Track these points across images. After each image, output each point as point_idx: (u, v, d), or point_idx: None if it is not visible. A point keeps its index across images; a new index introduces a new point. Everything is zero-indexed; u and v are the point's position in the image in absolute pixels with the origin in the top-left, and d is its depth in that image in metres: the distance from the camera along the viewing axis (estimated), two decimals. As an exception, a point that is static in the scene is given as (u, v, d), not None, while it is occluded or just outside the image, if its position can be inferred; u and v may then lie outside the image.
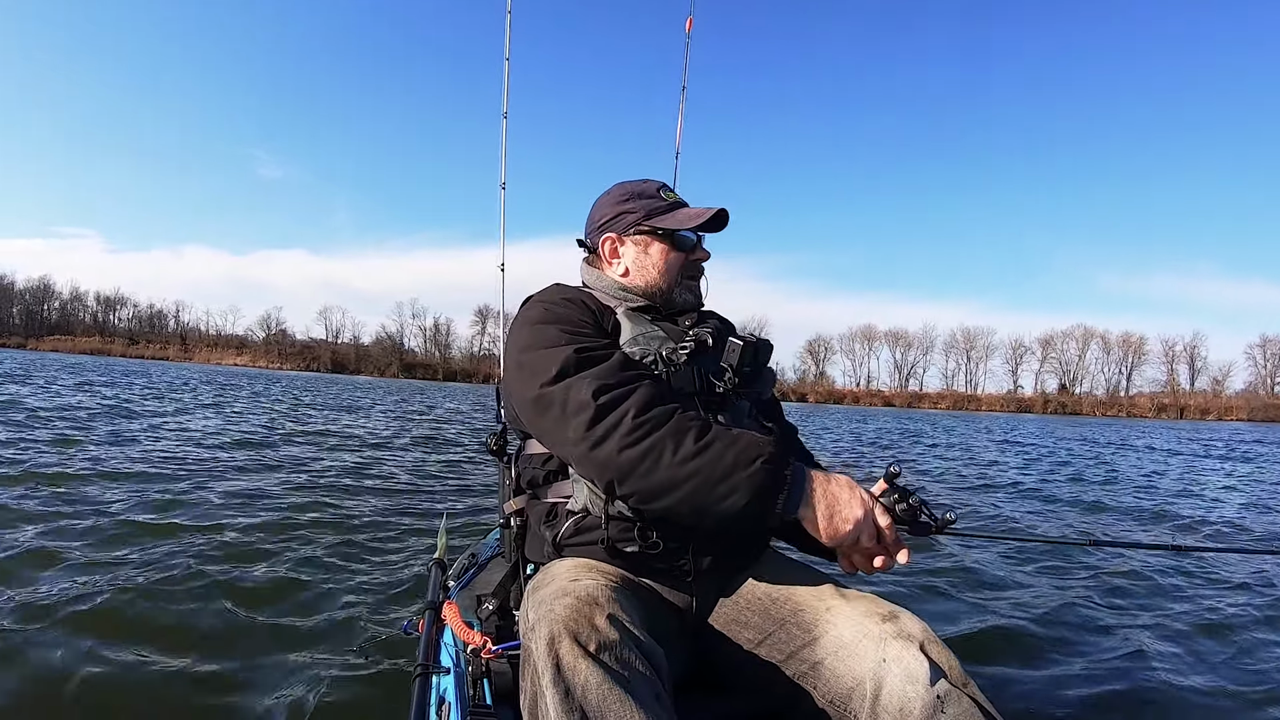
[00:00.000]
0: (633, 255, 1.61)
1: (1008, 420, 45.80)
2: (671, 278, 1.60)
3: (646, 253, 1.60)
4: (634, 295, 1.60)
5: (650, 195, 1.63)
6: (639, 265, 1.61)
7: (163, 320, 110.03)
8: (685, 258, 1.61)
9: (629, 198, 1.63)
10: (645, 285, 1.60)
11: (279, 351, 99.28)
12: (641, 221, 1.60)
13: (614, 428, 1.24)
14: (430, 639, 1.54)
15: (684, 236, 1.59)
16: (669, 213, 1.60)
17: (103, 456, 6.63)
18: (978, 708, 1.15)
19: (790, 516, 1.23)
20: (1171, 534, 6.08)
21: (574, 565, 1.36)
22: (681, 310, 1.61)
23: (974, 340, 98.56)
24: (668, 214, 1.60)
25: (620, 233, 1.62)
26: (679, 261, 1.60)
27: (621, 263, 1.63)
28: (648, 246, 1.60)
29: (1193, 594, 4.02)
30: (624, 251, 1.63)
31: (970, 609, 3.60)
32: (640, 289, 1.60)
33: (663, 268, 1.59)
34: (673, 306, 1.60)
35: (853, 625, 1.27)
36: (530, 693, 1.09)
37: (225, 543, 3.96)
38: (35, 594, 2.92)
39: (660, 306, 1.59)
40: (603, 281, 1.63)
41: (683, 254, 1.61)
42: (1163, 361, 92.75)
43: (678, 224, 1.58)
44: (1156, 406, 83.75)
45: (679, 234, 1.59)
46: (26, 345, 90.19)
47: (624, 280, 1.62)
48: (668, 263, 1.60)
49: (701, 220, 1.57)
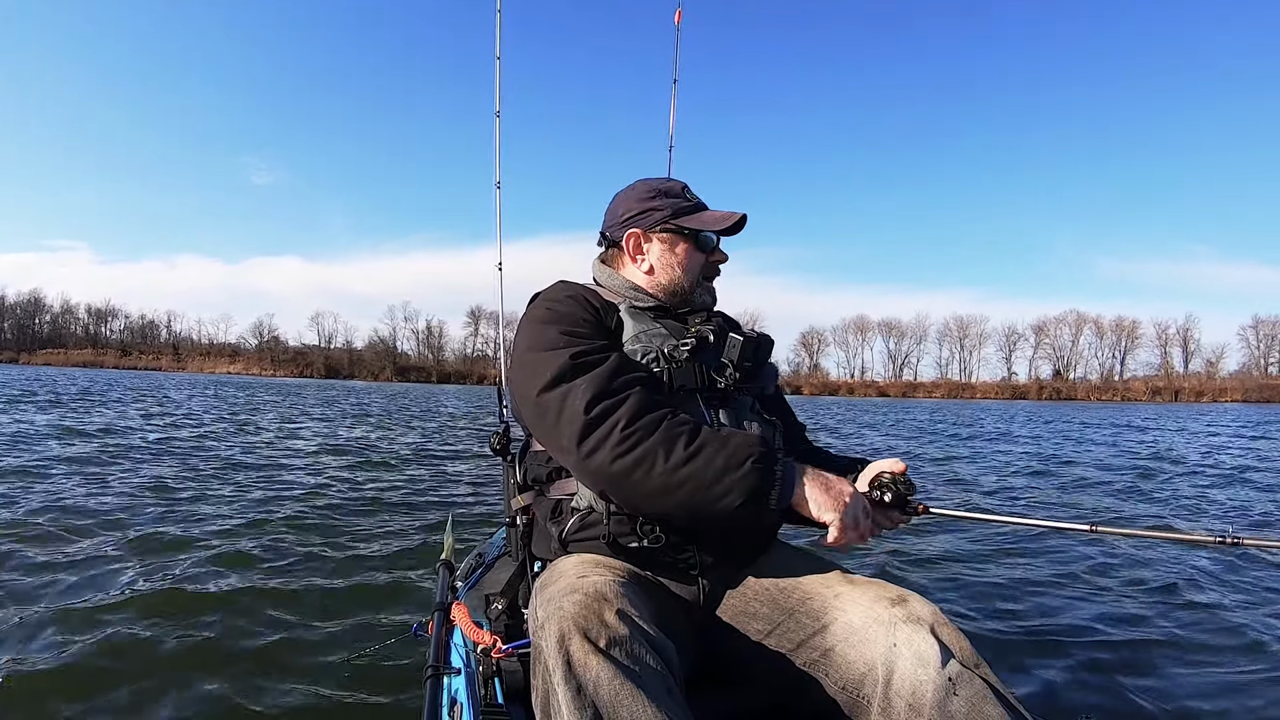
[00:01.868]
0: (658, 252, 1.62)
1: (1004, 407, 45.84)
2: (694, 277, 1.62)
3: (673, 251, 1.61)
4: (644, 293, 1.61)
5: (676, 194, 1.64)
6: (664, 263, 1.62)
7: (154, 331, 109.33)
8: (706, 258, 1.63)
9: (655, 195, 1.64)
10: (669, 283, 1.61)
11: (272, 358, 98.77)
12: (669, 220, 1.61)
13: (605, 438, 1.26)
14: (440, 640, 1.55)
15: (706, 237, 1.61)
16: (694, 213, 1.62)
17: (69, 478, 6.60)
18: (990, 688, 1.15)
19: (784, 507, 1.27)
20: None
21: (581, 561, 1.36)
22: (694, 310, 1.62)
23: (967, 328, 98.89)
24: (693, 214, 1.62)
25: (646, 229, 1.62)
26: (700, 262, 1.62)
27: (646, 259, 1.63)
28: (674, 245, 1.61)
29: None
30: (649, 248, 1.63)
31: (973, 589, 3.62)
32: (663, 286, 1.61)
33: (687, 266, 1.61)
34: (690, 306, 1.62)
35: (862, 611, 1.27)
36: (542, 690, 1.09)
37: (229, 550, 3.96)
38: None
39: (674, 305, 1.61)
40: (615, 280, 1.64)
41: (704, 254, 1.63)
42: (1156, 345, 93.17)
43: (703, 225, 1.60)
44: (1151, 390, 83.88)
45: (703, 234, 1.60)
46: (19, 360, 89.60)
47: (646, 277, 1.63)
48: (691, 262, 1.61)
49: (728, 224, 1.60)
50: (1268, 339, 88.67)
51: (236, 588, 3.28)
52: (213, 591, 3.19)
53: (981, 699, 1.13)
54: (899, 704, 1.15)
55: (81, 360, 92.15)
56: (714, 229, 1.60)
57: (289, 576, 3.54)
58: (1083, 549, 4.54)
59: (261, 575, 3.55)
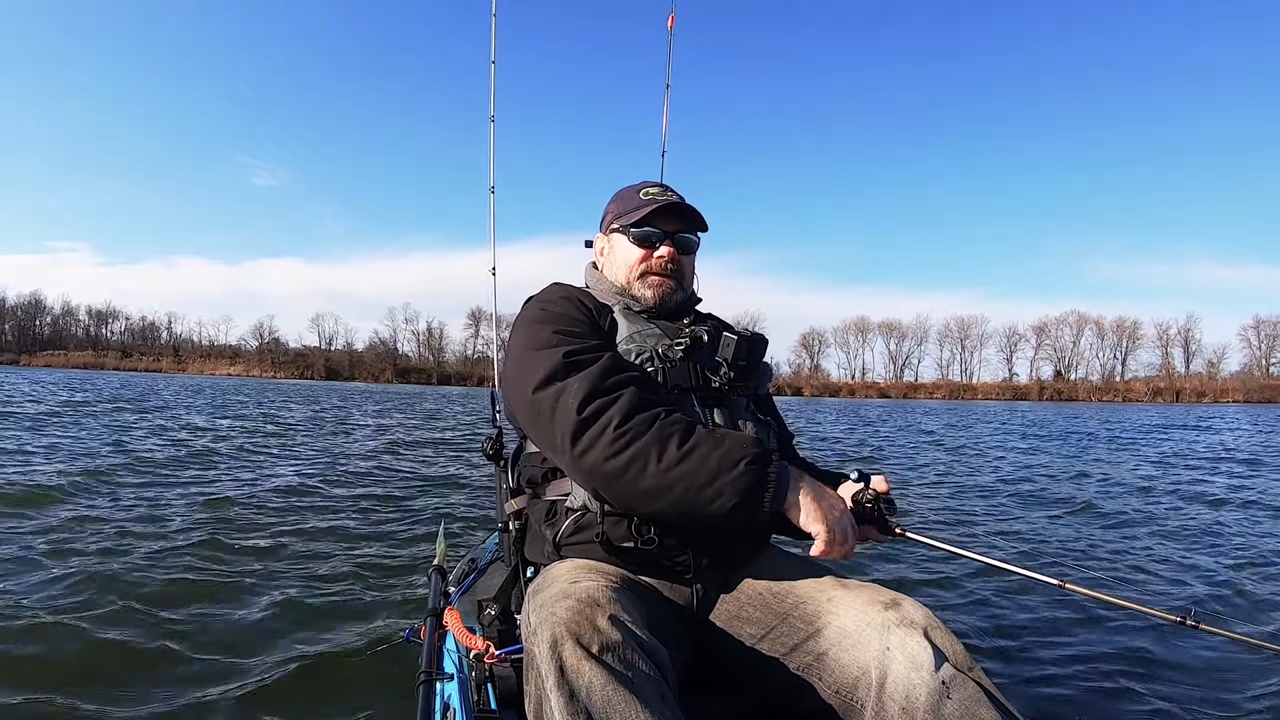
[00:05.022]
0: (608, 253, 1.68)
1: (1007, 409, 45.76)
2: (630, 274, 1.62)
3: (614, 250, 1.66)
4: (626, 295, 1.62)
5: (630, 195, 1.66)
6: (609, 262, 1.68)
7: (155, 332, 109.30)
8: (647, 254, 1.61)
9: (616, 199, 1.69)
10: (615, 282, 1.64)
11: (272, 360, 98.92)
12: (614, 220, 1.65)
13: (597, 438, 1.25)
14: (433, 646, 1.54)
15: (644, 233, 1.60)
16: (634, 210, 1.62)
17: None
18: (983, 691, 1.15)
19: (778, 510, 1.26)
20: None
21: (574, 567, 1.35)
22: (676, 312, 1.62)
23: (968, 329, 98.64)
24: (633, 211, 1.62)
25: (604, 232, 1.70)
26: (634, 258, 1.62)
27: (604, 260, 1.70)
28: (618, 245, 1.65)
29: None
30: (606, 249, 1.69)
31: (966, 592, 3.61)
32: (617, 287, 1.64)
33: (623, 264, 1.63)
34: (648, 306, 1.60)
35: (855, 615, 1.27)
36: (535, 696, 1.09)
37: (226, 552, 3.96)
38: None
39: (633, 306, 1.60)
40: (601, 283, 1.68)
41: (643, 250, 1.61)
42: (1157, 345, 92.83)
43: (625, 221, 1.61)
44: (1152, 390, 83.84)
45: (635, 231, 1.60)
46: (19, 362, 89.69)
47: (608, 278, 1.66)
48: (628, 259, 1.62)
49: (643, 212, 1.59)
50: (1269, 339, 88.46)
51: (221, 593, 3.26)
52: (198, 597, 3.18)
53: (975, 702, 1.13)
54: (892, 708, 1.15)
55: (82, 362, 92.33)
56: (631, 221, 1.60)
57: (280, 582, 3.53)
58: (1081, 551, 4.54)
59: (253, 579, 3.53)
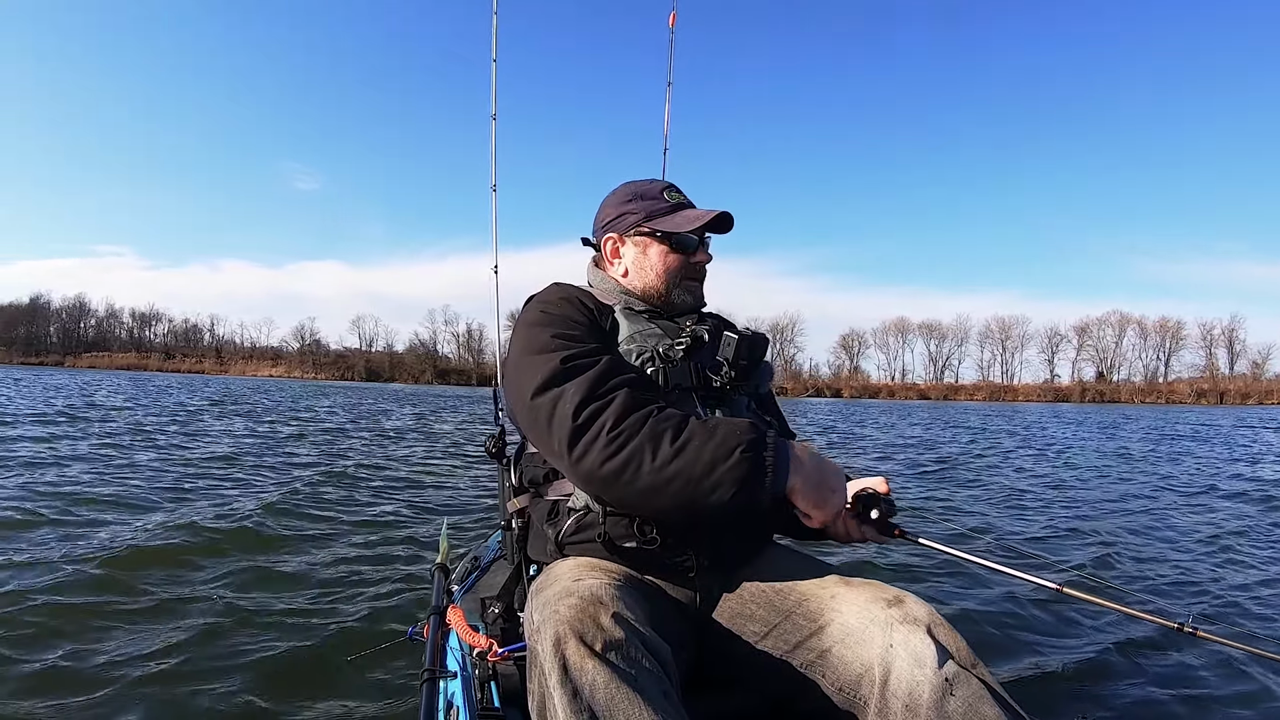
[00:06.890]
0: (632, 256, 1.61)
1: (1047, 410, 44.87)
2: (670, 280, 1.59)
3: (645, 254, 1.60)
4: (634, 296, 1.60)
5: (653, 196, 1.62)
6: (638, 267, 1.61)
7: (198, 334, 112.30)
8: (685, 260, 1.60)
9: (631, 198, 1.62)
10: (644, 287, 1.60)
11: (313, 362, 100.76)
12: (642, 223, 1.59)
13: (593, 442, 1.24)
14: (436, 644, 1.54)
15: (685, 239, 1.58)
16: (670, 214, 1.59)
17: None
18: (987, 689, 1.13)
19: (778, 493, 1.24)
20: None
21: (577, 564, 1.35)
22: (681, 312, 1.60)
23: (1009, 330, 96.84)
24: (669, 215, 1.59)
25: (621, 233, 1.62)
26: (678, 264, 1.59)
27: (621, 263, 1.63)
28: (647, 248, 1.60)
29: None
30: (624, 252, 1.63)
31: (970, 590, 3.57)
32: (639, 290, 1.60)
33: (661, 270, 1.59)
34: (672, 309, 1.60)
35: (858, 612, 1.26)
36: (538, 694, 1.09)
37: (224, 553, 3.99)
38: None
39: (659, 309, 1.59)
40: (605, 283, 1.64)
41: (682, 256, 1.59)
42: (1201, 346, 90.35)
43: (676, 226, 1.57)
44: (1196, 392, 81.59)
45: (678, 236, 1.57)
46: (64, 363, 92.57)
47: (624, 281, 1.62)
48: (666, 265, 1.59)
49: (701, 223, 1.56)
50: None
51: (223, 594, 3.28)
52: (199, 597, 3.20)
53: (979, 699, 1.12)
54: (896, 705, 1.14)
55: (126, 363, 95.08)
56: (686, 230, 1.56)
57: (283, 579, 3.56)
58: (1085, 550, 4.46)
59: (252, 578, 3.56)
